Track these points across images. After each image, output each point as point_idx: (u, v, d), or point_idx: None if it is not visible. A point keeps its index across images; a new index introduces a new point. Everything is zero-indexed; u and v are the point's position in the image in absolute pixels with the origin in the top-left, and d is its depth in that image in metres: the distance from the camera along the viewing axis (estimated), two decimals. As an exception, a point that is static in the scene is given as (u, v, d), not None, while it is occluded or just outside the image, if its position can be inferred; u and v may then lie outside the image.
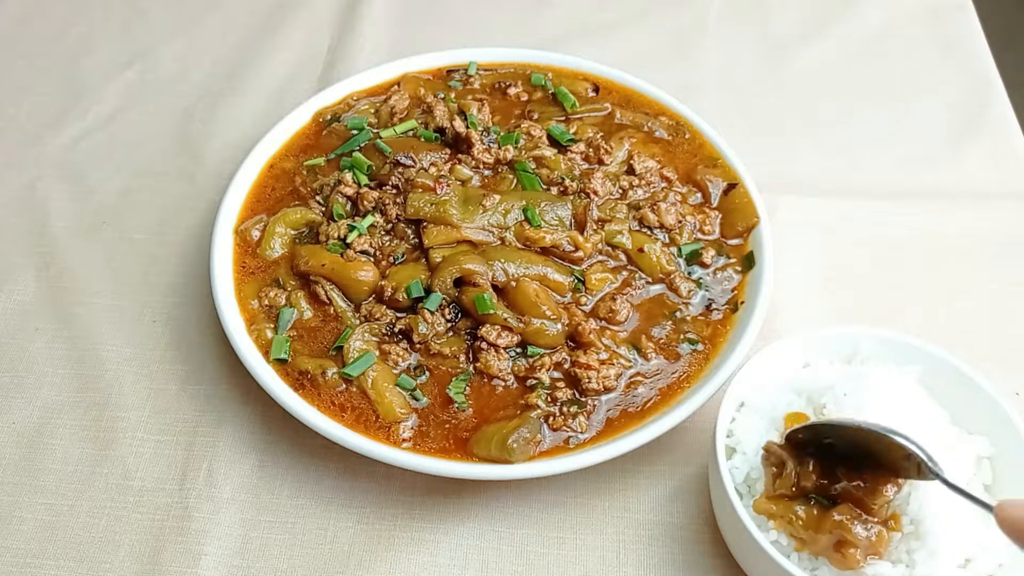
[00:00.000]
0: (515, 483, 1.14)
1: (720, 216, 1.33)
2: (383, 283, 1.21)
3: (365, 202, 1.28)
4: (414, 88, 1.49)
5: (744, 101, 1.64)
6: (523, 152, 1.35)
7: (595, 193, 1.30)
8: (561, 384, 1.15)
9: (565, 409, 1.13)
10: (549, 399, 1.13)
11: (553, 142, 1.39)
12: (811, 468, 0.97)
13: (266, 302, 1.23)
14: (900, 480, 0.95)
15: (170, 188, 1.50)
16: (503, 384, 1.16)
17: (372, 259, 1.25)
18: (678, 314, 1.23)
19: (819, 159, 1.55)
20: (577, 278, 1.23)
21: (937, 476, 0.92)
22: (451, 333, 1.19)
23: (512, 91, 1.50)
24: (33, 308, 1.34)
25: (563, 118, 1.45)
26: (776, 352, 1.08)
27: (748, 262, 1.27)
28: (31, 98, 1.66)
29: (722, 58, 1.72)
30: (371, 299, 1.23)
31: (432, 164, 1.32)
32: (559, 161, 1.35)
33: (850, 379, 1.05)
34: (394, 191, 1.29)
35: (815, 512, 0.95)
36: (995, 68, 1.68)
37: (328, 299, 1.22)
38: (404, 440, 1.11)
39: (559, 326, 1.17)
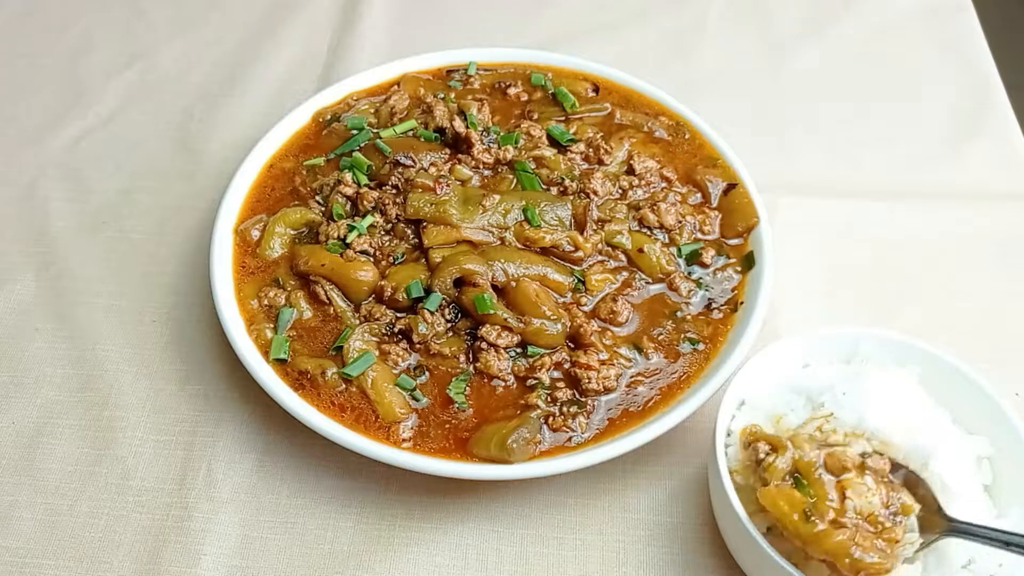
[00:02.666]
0: (515, 483, 1.14)
1: (720, 216, 1.33)
2: (383, 283, 1.21)
3: (365, 202, 1.28)
4: (414, 88, 1.49)
5: (744, 101, 1.64)
6: (523, 152, 1.35)
7: (595, 193, 1.30)
8: (561, 384, 1.15)
9: (565, 409, 1.13)
10: (549, 399, 1.13)
11: (553, 142, 1.39)
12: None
13: (266, 302, 1.23)
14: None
15: (170, 188, 1.50)
16: (503, 384, 1.16)
17: (372, 259, 1.25)
18: (679, 313, 1.23)
19: (819, 159, 1.55)
20: (577, 278, 1.23)
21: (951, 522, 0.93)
22: (451, 333, 1.19)
23: (512, 91, 1.50)
24: (33, 308, 1.34)
25: (563, 118, 1.45)
26: (776, 352, 1.08)
27: (748, 262, 1.27)
28: (31, 98, 1.66)
29: (722, 58, 1.72)
30: (371, 299, 1.23)
31: (432, 164, 1.32)
32: (559, 161, 1.34)
33: (850, 379, 1.05)
34: (394, 191, 1.29)
35: (816, 531, 0.92)
36: (995, 68, 1.68)
37: (328, 299, 1.22)
38: (404, 440, 1.11)
39: (559, 326, 1.17)
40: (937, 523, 0.94)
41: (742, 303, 1.22)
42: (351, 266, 1.22)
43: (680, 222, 1.30)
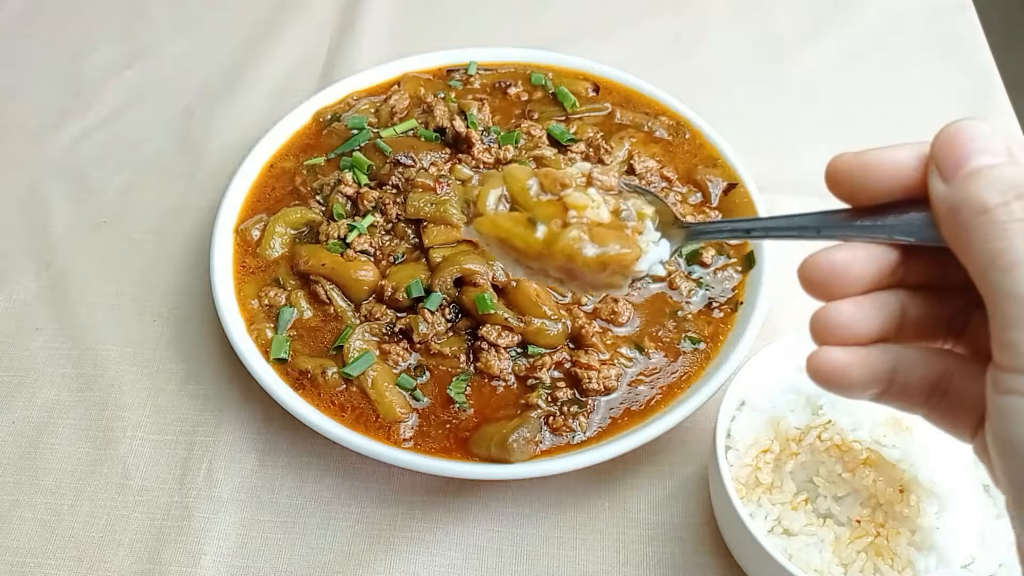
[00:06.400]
0: (515, 483, 1.14)
1: (720, 216, 1.33)
2: (383, 283, 1.21)
3: (365, 202, 1.28)
4: (414, 88, 1.49)
5: (744, 101, 1.64)
6: (523, 152, 1.35)
7: (595, 193, 1.30)
8: (562, 384, 1.15)
9: (565, 409, 1.13)
10: (550, 399, 1.13)
11: (553, 142, 1.39)
12: None
13: (266, 302, 1.23)
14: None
15: (170, 188, 1.50)
16: (504, 384, 1.16)
17: (372, 259, 1.25)
18: (680, 313, 1.23)
19: (819, 159, 1.52)
20: (577, 278, 1.23)
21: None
22: (451, 333, 1.19)
23: (512, 91, 1.50)
24: (33, 308, 1.34)
25: (563, 118, 1.45)
26: (776, 352, 1.08)
27: (748, 262, 1.27)
28: (31, 98, 1.66)
29: (722, 58, 1.72)
30: (371, 299, 1.23)
31: (432, 164, 1.32)
32: (559, 161, 1.34)
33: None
34: (394, 191, 1.29)
35: (547, 234, 0.80)
36: (995, 68, 1.68)
37: (328, 299, 1.22)
38: (404, 440, 1.11)
39: (560, 326, 1.17)
40: (677, 234, 0.84)
41: (742, 303, 1.22)
42: (351, 266, 1.22)
43: (680, 222, 1.30)
